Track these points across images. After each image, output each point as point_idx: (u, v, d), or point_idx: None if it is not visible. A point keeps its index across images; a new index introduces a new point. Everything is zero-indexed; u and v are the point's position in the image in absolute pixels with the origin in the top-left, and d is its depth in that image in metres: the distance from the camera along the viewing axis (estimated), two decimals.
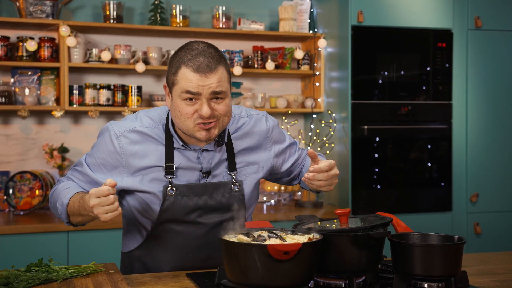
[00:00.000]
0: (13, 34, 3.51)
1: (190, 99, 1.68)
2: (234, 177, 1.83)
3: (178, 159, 1.79)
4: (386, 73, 3.58)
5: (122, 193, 1.86)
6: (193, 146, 1.79)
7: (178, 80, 1.68)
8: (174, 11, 3.66)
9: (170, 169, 1.77)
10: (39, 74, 3.51)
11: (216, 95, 1.68)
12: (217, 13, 3.71)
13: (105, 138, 1.80)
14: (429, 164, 3.66)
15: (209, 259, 1.84)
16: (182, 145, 1.78)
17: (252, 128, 1.89)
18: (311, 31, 3.89)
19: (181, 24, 3.66)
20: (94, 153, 1.83)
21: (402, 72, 3.62)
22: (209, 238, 1.83)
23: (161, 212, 1.78)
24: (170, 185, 1.77)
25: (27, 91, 3.45)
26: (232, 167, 1.84)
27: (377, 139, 3.57)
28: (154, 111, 1.85)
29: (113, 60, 3.60)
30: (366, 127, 3.53)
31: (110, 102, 3.54)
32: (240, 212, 1.82)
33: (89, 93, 3.50)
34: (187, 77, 1.66)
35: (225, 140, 1.83)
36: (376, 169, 3.56)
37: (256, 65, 3.79)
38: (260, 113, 1.94)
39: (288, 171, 2.00)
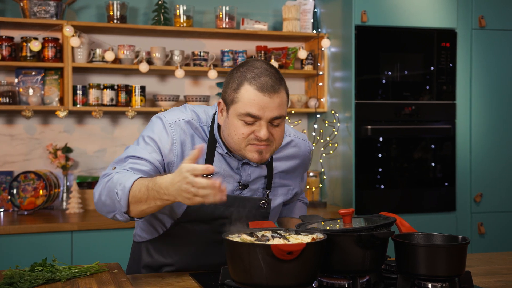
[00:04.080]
0: (17, 34, 3.52)
1: (249, 122, 1.63)
2: (267, 195, 1.81)
3: (218, 164, 1.74)
4: (389, 73, 3.58)
5: None
6: (236, 155, 1.74)
7: (240, 99, 1.62)
8: (177, 11, 3.66)
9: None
10: (43, 74, 3.52)
11: (275, 121, 1.64)
12: (221, 13, 3.71)
13: (158, 125, 1.72)
14: (433, 164, 3.66)
15: (218, 266, 1.80)
16: (226, 152, 1.73)
17: (295, 152, 1.88)
18: (314, 31, 3.88)
19: (184, 24, 3.66)
20: (145, 141, 1.71)
21: (406, 72, 3.61)
22: (222, 245, 1.79)
23: (185, 214, 1.75)
24: None
25: (31, 91, 3.45)
26: (269, 185, 1.81)
27: (381, 139, 3.56)
28: (200, 108, 1.80)
29: (116, 60, 3.61)
30: (369, 127, 3.53)
31: (114, 102, 3.55)
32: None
33: (93, 93, 3.50)
34: (250, 96, 1.61)
35: (269, 159, 1.80)
36: (380, 169, 3.56)
37: None
38: (303, 137, 1.92)
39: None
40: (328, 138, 3.72)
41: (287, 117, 3.81)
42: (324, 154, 3.80)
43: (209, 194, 1.40)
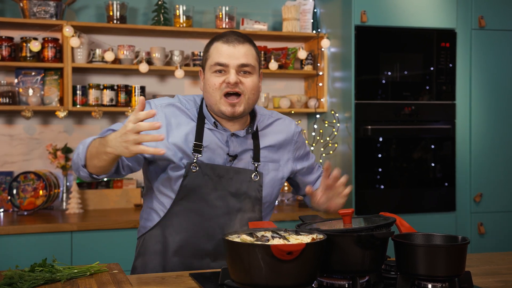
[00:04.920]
0: (17, 35, 3.52)
1: (220, 71, 1.81)
2: (256, 167, 1.90)
3: (208, 138, 1.87)
4: (389, 73, 3.58)
5: (147, 168, 1.91)
6: (224, 128, 1.87)
7: (210, 54, 1.84)
8: (177, 11, 3.66)
9: (198, 147, 1.84)
10: (43, 74, 3.52)
11: (243, 68, 1.82)
12: (220, 13, 3.71)
13: (146, 108, 1.84)
14: (433, 164, 3.66)
15: (221, 244, 1.84)
16: (213, 123, 1.86)
17: (281, 128, 1.99)
18: (314, 31, 3.88)
19: (184, 24, 3.66)
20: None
21: (406, 72, 3.61)
22: (223, 222, 1.87)
23: (181, 188, 1.83)
24: (194, 162, 1.83)
25: (30, 91, 3.45)
26: (256, 157, 1.91)
27: (381, 139, 3.56)
28: (190, 95, 1.96)
29: (116, 60, 3.61)
30: (369, 127, 3.53)
31: (114, 103, 3.55)
32: (257, 203, 1.89)
33: (93, 94, 3.50)
34: (218, 49, 1.82)
35: (254, 129, 1.92)
36: (380, 169, 3.56)
37: None
38: (290, 119, 2.06)
39: (305, 179, 2.07)
40: (328, 138, 3.73)
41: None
42: (324, 154, 3.80)
43: (146, 137, 1.55)
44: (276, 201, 3.75)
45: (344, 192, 1.85)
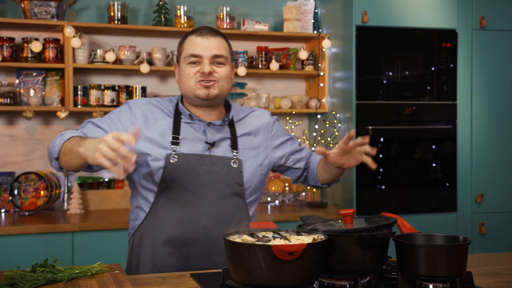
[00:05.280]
0: (18, 35, 3.53)
1: (194, 62, 1.91)
2: (235, 155, 1.95)
3: (185, 131, 1.94)
4: (390, 73, 3.58)
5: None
6: (199, 118, 1.94)
7: (185, 47, 1.94)
8: (178, 11, 3.66)
9: (176, 139, 1.92)
10: (44, 75, 3.52)
11: (217, 59, 1.92)
12: (221, 13, 3.71)
13: (123, 108, 1.98)
14: (434, 165, 3.66)
15: (207, 231, 1.90)
16: (189, 115, 1.94)
17: (256, 117, 2.08)
18: (315, 32, 3.88)
19: (185, 25, 3.66)
20: (108, 116, 1.96)
21: (407, 72, 3.61)
22: (207, 209, 1.91)
23: (163, 179, 1.89)
24: (173, 153, 1.89)
25: (32, 92, 3.46)
26: (234, 145, 1.97)
27: (382, 139, 3.56)
28: (166, 97, 2.06)
29: (117, 61, 3.61)
30: (370, 127, 3.53)
31: (115, 103, 3.55)
32: (239, 190, 1.94)
33: (94, 94, 3.50)
34: (192, 41, 1.92)
35: (230, 118, 1.99)
36: (381, 170, 3.56)
37: (260, 66, 3.79)
38: (264, 110, 2.14)
39: (292, 164, 2.11)
40: (329, 139, 3.73)
41: (287, 118, 3.82)
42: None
43: (113, 157, 1.54)
44: (277, 201, 3.76)
45: (362, 149, 1.86)
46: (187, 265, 1.91)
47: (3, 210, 3.45)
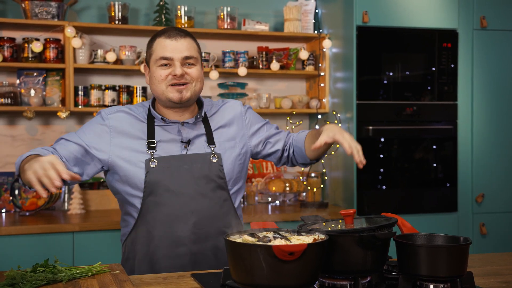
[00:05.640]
0: (18, 35, 3.53)
1: (165, 65, 1.92)
2: (213, 149, 1.97)
3: (160, 134, 1.96)
4: (391, 74, 3.58)
5: (112, 173, 1.97)
6: (172, 120, 1.96)
7: (154, 50, 1.94)
8: (179, 12, 3.66)
9: (151, 144, 1.93)
10: (45, 75, 3.52)
11: (187, 60, 1.93)
12: (222, 13, 3.71)
13: (96, 118, 2.01)
14: (434, 165, 3.65)
15: (196, 227, 1.93)
16: (161, 118, 1.95)
17: (228, 108, 2.09)
18: (316, 32, 3.88)
19: (186, 25, 3.66)
20: (82, 129, 1.99)
21: (407, 73, 3.61)
22: (193, 207, 1.93)
23: (146, 184, 1.91)
24: (152, 158, 1.91)
25: (32, 92, 3.46)
26: (210, 140, 1.99)
27: (382, 139, 3.56)
28: (138, 103, 2.08)
29: (118, 61, 3.61)
30: (371, 127, 3.53)
31: (115, 103, 3.55)
32: (222, 183, 1.96)
33: (94, 94, 3.51)
34: (161, 44, 1.92)
35: (203, 115, 2.01)
36: (381, 170, 3.55)
37: (261, 66, 3.79)
38: (235, 100, 2.16)
39: (269, 148, 2.13)
40: None
41: (288, 118, 3.82)
42: (325, 155, 3.79)
43: (41, 175, 1.63)
44: (278, 202, 3.75)
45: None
46: (182, 264, 1.93)
47: (3, 210, 3.45)
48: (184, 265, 1.93)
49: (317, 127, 3.87)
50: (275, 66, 3.74)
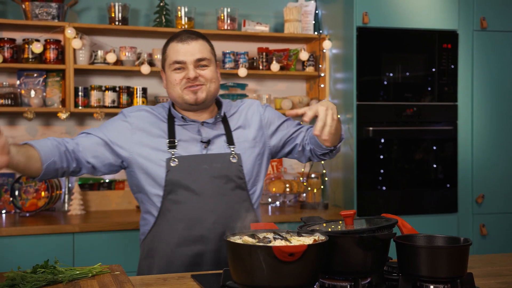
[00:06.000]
0: (19, 36, 3.53)
1: (179, 68, 1.96)
2: (232, 150, 1.99)
3: (180, 133, 1.98)
4: (391, 74, 3.58)
5: (132, 171, 1.99)
6: (193, 120, 1.99)
7: (168, 55, 1.99)
8: (179, 12, 3.66)
9: (172, 143, 1.95)
10: (45, 76, 3.52)
11: (200, 62, 1.96)
12: (222, 14, 3.71)
13: (118, 116, 2.03)
14: (435, 165, 3.65)
15: (215, 226, 1.94)
16: (182, 117, 1.98)
17: (246, 108, 2.10)
18: (316, 33, 3.89)
19: (186, 26, 3.66)
20: (104, 125, 2.01)
21: (407, 73, 3.61)
22: (212, 206, 1.95)
23: (166, 183, 1.93)
24: (172, 157, 1.93)
25: (32, 93, 3.46)
26: (230, 140, 2.01)
27: (382, 140, 3.56)
28: (158, 104, 2.10)
29: (118, 62, 3.61)
30: (371, 128, 3.53)
31: (116, 104, 3.55)
32: (241, 183, 1.97)
33: (95, 95, 3.51)
34: (174, 48, 1.96)
35: (222, 114, 2.04)
36: (381, 171, 3.55)
37: (261, 67, 3.79)
38: (254, 100, 2.17)
39: (291, 144, 2.11)
40: None
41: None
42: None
43: None
44: (278, 202, 3.75)
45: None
46: (201, 263, 1.95)
47: (4, 211, 3.45)
48: (203, 264, 1.95)
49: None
50: (275, 67, 3.74)
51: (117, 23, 3.54)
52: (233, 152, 1.99)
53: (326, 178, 3.84)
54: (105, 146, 1.95)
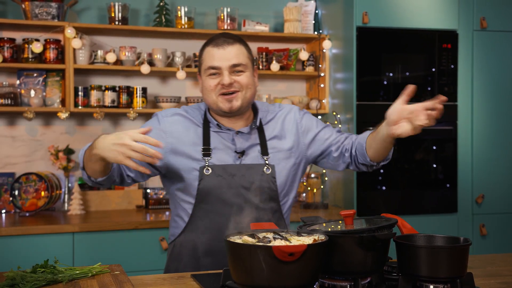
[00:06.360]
0: (18, 36, 3.53)
1: (214, 74, 1.91)
2: (266, 160, 1.95)
3: (215, 140, 1.95)
4: (391, 74, 3.58)
5: (165, 177, 2.00)
6: (228, 127, 1.96)
7: (203, 59, 1.95)
8: (179, 12, 3.66)
9: (207, 150, 1.93)
10: (45, 75, 3.52)
11: (235, 68, 1.91)
12: (222, 14, 3.71)
13: (152, 120, 2.00)
14: (434, 165, 3.65)
15: None
16: (217, 124, 1.95)
17: (283, 115, 2.05)
18: (316, 32, 3.89)
19: (186, 26, 3.66)
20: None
21: (407, 73, 3.61)
22: (243, 218, 1.92)
23: (199, 191, 1.90)
24: (206, 165, 1.91)
25: (32, 92, 3.46)
26: (264, 151, 1.97)
27: None
28: (195, 104, 2.07)
29: (118, 61, 3.61)
30: (371, 128, 3.52)
31: (115, 104, 3.55)
32: (273, 194, 1.94)
33: (94, 95, 3.50)
34: (209, 53, 1.92)
35: (257, 124, 1.99)
36: (381, 170, 3.55)
37: (261, 67, 3.79)
38: (291, 105, 2.11)
39: (327, 153, 2.05)
40: None
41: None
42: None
43: (141, 157, 1.66)
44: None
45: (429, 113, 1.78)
46: None
47: (3, 211, 3.45)
48: None
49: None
50: (275, 67, 3.74)
51: (117, 23, 3.54)
52: (267, 163, 1.95)
53: (326, 178, 3.84)
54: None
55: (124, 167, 1.92)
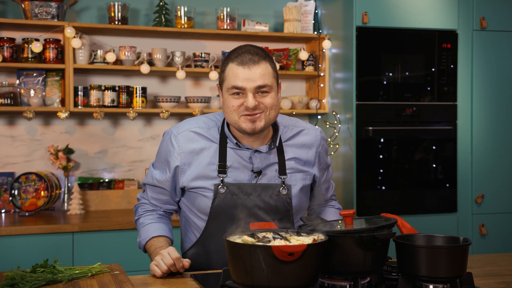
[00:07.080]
0: (18, 36, 3.53)
1: (237, 93, 1.81)
2: (283, 181, 1.90)
3: (231, 158, 1.89)
4: (391, 74, 3.58)
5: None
6: (246, 145, 1.89)
7: (226, 76, 1.83)
8: (178, 12, 3.66)
9: (222, 168, 1.87)
10: (44, 75, 3.52)
11: (261, 89, 1.81)
12: (222, 14, 3.71)
13: (166, 139, 1.95)
14: (434, 165, 3.65)
15: None
16: (236, 143, 1.88)
17: (305, 139, 1.99)
18: (315, 32, 3.89)
19: (185, 26, 3.66)
20: (157, 156, 1.99)
21: (407, 73, 3.61)
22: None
23: (212, 209, 1.87)
24: (221, 184, 1.86)
25: (32, 92, 3.46)
26: (282, 171, 1.92)
27: (382, 140, 3.56)
28: (212, 114, 1.99)
29: (118, 61, 3.61)
30: (370, 128, 3.53)
31: (115, 103, 3.55)
32: (287, 215, 1.91)
33: (94, 94, 3.50)
34: (233, 71, 1.80)
35: (277, 144, 1.92)
36: (381, 170, 3.55)
37: None
38: (315, 127, 2.06)
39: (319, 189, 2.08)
40: (329, 139, 3.73)
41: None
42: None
43: (166, 270, 1.74)
44: None
45: None
46: None
47: (3, 211, 3.45)
48: None
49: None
50: None
51: (116, 22, 3.54)
52: (283, 184, 1.90)
53: None
54: (171, 189, 1.96)
55: (167, 208, 2.01)
